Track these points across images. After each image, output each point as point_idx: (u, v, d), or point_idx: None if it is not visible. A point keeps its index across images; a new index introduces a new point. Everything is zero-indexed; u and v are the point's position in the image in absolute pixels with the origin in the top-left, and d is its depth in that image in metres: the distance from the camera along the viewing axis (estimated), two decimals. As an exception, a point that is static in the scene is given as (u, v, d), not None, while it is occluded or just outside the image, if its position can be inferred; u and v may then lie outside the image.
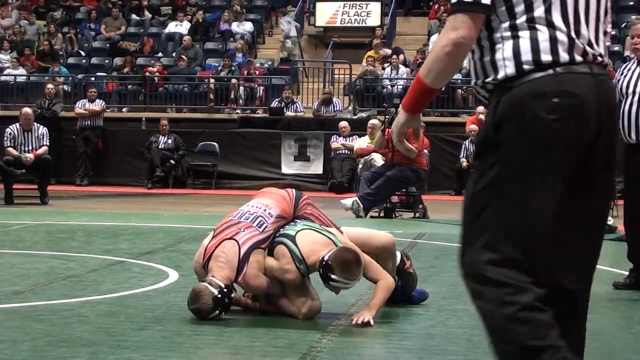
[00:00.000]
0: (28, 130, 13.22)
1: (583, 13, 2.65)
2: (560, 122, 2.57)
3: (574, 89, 2.59)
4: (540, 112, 2.57)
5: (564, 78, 2.60)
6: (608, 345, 4.50)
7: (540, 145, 2.58)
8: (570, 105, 2.58)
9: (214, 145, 17.10)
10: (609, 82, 2.72)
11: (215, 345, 4.30)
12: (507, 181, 2.61)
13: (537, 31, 2.61)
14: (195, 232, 9.37)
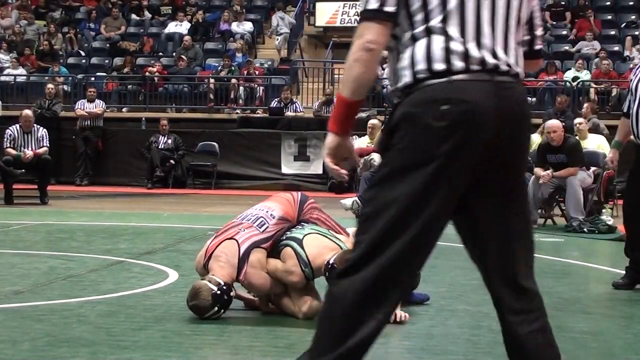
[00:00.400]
0: (28, 132, 13.23)
1: (487, 24, 2.65)
2: (448, 129, 2.57)
3: (465, 96, 2.58)
4: (429, 119, 2.58)
5: (457, 85, 2.59)
6: (608, 345, 4.50)
7: (425, 152, 2.59)
8: (460, 112, 2.57)
9: (214, 145, 17.10)
10: (515, 90, 2.68)
11: (215, 345, 4.30)
12: (389, 181, 2.64)
13: (432, 41, 2.62)
14: (195, 232, 9.37)
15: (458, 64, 2.61)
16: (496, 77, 2.64)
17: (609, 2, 21.83)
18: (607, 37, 20.40)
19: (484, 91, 2.61)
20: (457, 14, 2.63)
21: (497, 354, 4.23)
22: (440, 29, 2.62)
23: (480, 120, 2.59)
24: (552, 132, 10.32)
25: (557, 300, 5.76)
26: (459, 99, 2.58)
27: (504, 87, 2.64)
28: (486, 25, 2.65)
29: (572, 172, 10.30)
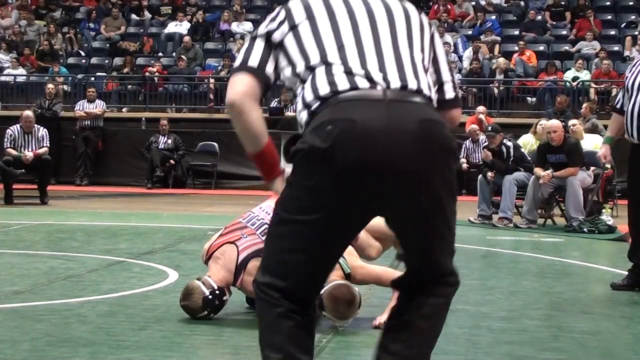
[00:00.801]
0: (29, 132, 13.22)
1: (371, 48, 2.66)
2: (331, 149, 2.54)
3: (349, 115, 2.54)
4: (316, 142, 2.56)
5: (342, 106, 2.57)
6: (608, 345, 4.50)
7: (314, 174, 2.59)
8: (343, 130, 2.53)
9: (214, 145, 17.10)
10: (412, 108, 2.59)
11: (215, 345, 4.30)
12: (280, 209, 2.70)
13: (316, 75, 2.63)
14: (195, 232, 9.37)
15: (343, 86, 2.60)
16: (389, 94, 2.58)
17: (609, 2, 21.82)
18: (607, 37, 20.40)
19: (371, 109, 2.55)
20: (335, 46, 2.64)
21: (497, 353, 4.24)
22: (322, 64, 2.63)
23: (367, 138, 2.52)
24: (552, 132, 10.32)
25: (557, 300, 5.76)
26: (343, 118, 2.54)
27: (396, 105, 2.58)
28: (371, 49, 2.66)
29: (573, 172, 10.30)
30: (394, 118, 2.55)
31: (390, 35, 2.72)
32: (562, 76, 18.39)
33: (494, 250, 8.47)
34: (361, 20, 2.72)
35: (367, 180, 2.56)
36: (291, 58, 2.70)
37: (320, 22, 2.70)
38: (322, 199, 2.60)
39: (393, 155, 2.54)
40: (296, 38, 2.70)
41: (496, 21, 21.28)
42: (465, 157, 15.45)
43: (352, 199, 2.59)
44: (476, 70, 18.68)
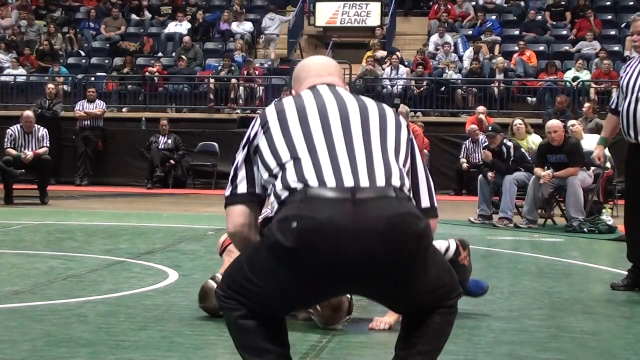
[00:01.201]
0: (29, 132, 13.22)
1: (342, 147, 2.71)
2: (295, 249, 2.59)
3: (315, 214, 2.58)
4: (280, 236, 2.61)
5: (309, 203, 2.61)
6: (608, 345, 4.50)
7: (278, 267, 2.65)
8: (307, 229, 2.58)
9: (214, 145, 17.10)
10: (380, 207, 2.62)
11: (215, 345, 4.30)
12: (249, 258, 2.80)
13: (287, 171, 2.70)
14: (195, 232, 9.37)
15: (312, 182, 2.64)
16: (355, 194, 2.62)
17: (609, 2, 21.83)
18: (607, 37, 20.40)
19: (337, 208, 2.59)
20: (305, 144, 2.72)
21: (497, 353, 4.24)
22: (292, 160, 2.71)
23: (332, 239, 2.57)
24: (552, 132, 10.31)
25: (557, 300, 5.76)
26: (308, 216, 2.59)
27: (363, 204, 2.61)
28: (341, 145, 2.72)
29: (573, 172, 10.29)
30: (361, 217, 2.58)
31: (362, 132, 2.77)
32: (562, 76, 18.39)
33: (494, 250, 8.46)
34: (333, 117, 2.78)
35: (332, 278, 2.64)
36: (265, 160, 2.77)
37: (291, 121, 2.76)
38: (284, 285, 2.68)
39: (359, 254, 2.58)
40: (268, 139, 2.77)
41: (496, 21, 21.29)
42: (465, 157, 15.47)
43: (315, 290, 2.72)
44: (476, 70, 18.68)
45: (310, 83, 2.98)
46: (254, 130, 2.82)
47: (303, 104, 2.82)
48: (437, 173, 15.67)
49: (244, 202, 2.83)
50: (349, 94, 2.92)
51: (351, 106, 2.83)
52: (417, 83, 18.64)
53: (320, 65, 3.06)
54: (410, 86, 18.68)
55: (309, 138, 2.73)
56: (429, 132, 15.21)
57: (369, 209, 2.60)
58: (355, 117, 2.80)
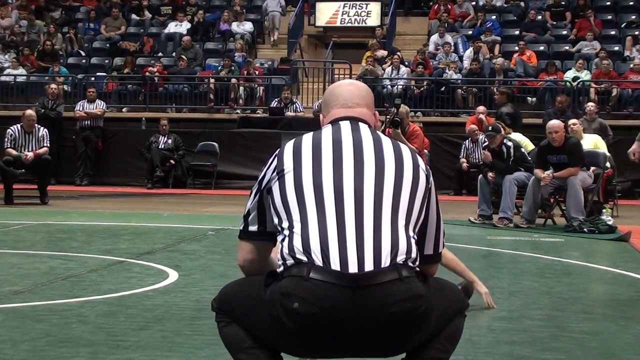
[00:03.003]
0: (29, 132, 13.22)
1: (351, 222, 2.66)
2: (296, 329, 2.62)
3: (317, 299, 2.59)
4: (282, 314, 2.63)
5: (311, 284, 2.60)
6: (608, 345, 4.50)
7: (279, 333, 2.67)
8: (308, 316, 2.60)
9: (214, 145, 17.11)
10: (384, 293, 2.60)
11: (215, 345, 4.29)
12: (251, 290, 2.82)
13: (292, 233, 2.68)
14: (195, 232, 9.37)
15: (317, 261, 2.62)
16: (357, 281, 2.60)
17: (609, 2, 21.83)
18: (607, 37, 20.40)
19: (338, 297, 2.59)
20: (315, 209, 2.67)
21: (497, 353, 4.23)
22: (299, 223, 2.67)
23: (331, 328, 2.60)
24: (553, 133, 10.30)
25: (557, 300, 5.76)
26: (310, 302, 2.59)
27: (364, 292, 2.60)
28: (349, 215, 2.66)
29: (573, 172, 10.29)
30: (361, 306, 2.60)
31: (374, 192, 2.70)
32: (562, 76, 18.39)
33: (494, 250, 8.46)
34: (347, 169, 2.72)
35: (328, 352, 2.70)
36: (276, 208, 2.76)
37: (305, 173, 2.72)
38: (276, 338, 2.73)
39: (357, 341, 2.64)
40: (280, 187, 2.75)
41: (496, 21, 21.29)
42: (465, 157, 15.47)
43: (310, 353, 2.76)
44: (476, 71, 18.68)
45: (336, 114, 2.94)
46: (270, 174, 2.81)
47: (320, 152, 2.76)
48: (437, 173, 15.65)
49: (255, 240, 2.90)
50: (369, 136, 2.83)
51: (367, 156, 2.76)
52: (417, 83, 18.64)
53: (349, 93, 2.98)
54: (410, 86, 18.69)
55: (319, 197, 2.69)
56: (429, 132, 15.21)
57: (370, 298, 2.60)
58: (370, 169, 2.73)
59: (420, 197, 2.78)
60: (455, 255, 5.35)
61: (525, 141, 12.36)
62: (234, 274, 6.26)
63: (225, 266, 6.91)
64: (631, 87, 17.90)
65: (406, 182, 2.75)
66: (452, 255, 5.20)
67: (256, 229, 2.87)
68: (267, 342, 2.78)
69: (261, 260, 2.90)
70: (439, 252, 2.96)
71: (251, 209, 2.87)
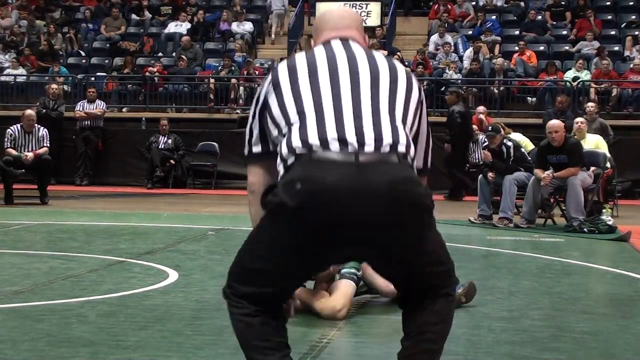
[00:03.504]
0: (29, 132, 13.22)
1: (348, 107, 2.74)
2: (300, 209, 2.64)
3: (319, 175, 2.64)
4: (285, 198, 2.66)
5: (313, 165, 2.67)
6: (608, 345, 4.50)
7: (281, 230, 2.71)
8: (312, 190, 2.63)
9: (214, 145, 17.11)
10: (384, 169, 2.67)
11: (215, 345, 4.30)
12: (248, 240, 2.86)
13: (292, 133, 2.74)
14: (195, 232, 9.37)
15: (316, 144, 2.69)
16: (359, 157, 2.66)
17: (609, 2, 21.82)
18: (607, 37, 20.40)
19: (341, 171, 2.64)
20: (312, 104, 2.75)
21: (497, 354, 4.23)
22: (299, 122, 2.75)
23: (335, 200, 2.62)
24: (553, 132, 10.30)
25: (557, 300, 5.76)
26: (312, 178, 2.64)
27: (366, 167, 2.65)
28: (348, 108, 2.74)
29: (573, 172, 10.28)
30: (364, 180, 2.63)
31: (371, 94, 2.78)
32: (562, 76, 18.39)
33: (494, 250, 8.46)
34: (343, 78, 2.80)
35: (334, 239, 2.68)
36: (274, 118, 2.82)
37: (301, 80, 2.80)
38: (286, 251, 2.72)
39: (361, 217, 2.63)
40: (277, 97, 2.81)
41: (496, 21, 21.29)
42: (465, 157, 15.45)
43: (319, 253, 2.74)
44: (476, 71, 18.68)
45: (326, 36, 2.99)
46: (265, 89, 2.87)
47: (315, 62, 2.84)
48: (437, 173, 15.64)
49: (261, 161, 2.93)
50: (362, 50, 2.92)
51: (362, 66, 2.84)
52: (417, 83, 18.62)
53: (339, 18, 3.06)
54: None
55: (317, 99, 2.76)
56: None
57: (371, 172, 2.64)
58: (366, 77, 2.81)
59: (414, 105, 2.86)
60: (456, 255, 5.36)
61: (525, 141, 12.37)
62: (234, 274, 6.26)
63: (225, 266, 6.87)
64: (631, 87, 17.90)
65: (400, 89, 2.83)
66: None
67: (260, 150, 2.93)
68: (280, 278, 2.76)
69: (269, 182, 2.90)
70: (428, 166, 3.05)
71: (253, 130, 2.92)
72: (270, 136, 2.86)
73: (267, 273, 2.77)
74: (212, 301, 5.36)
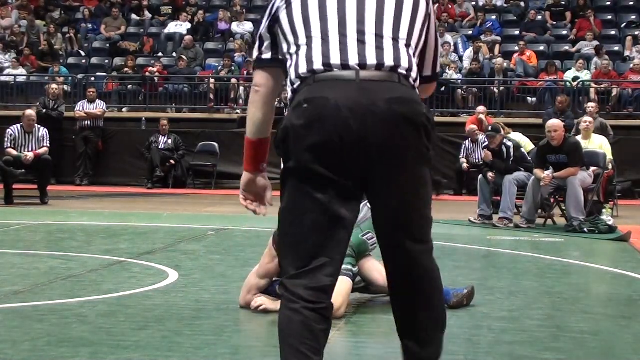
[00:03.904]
0: (29, 132, 13.22)
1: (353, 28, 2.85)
2: (306, 126, 2.78)
3: (323, 94, 2.79)
4: (294, 120, 2.81)
5: (317, 86, 2.82)
6: (608, 345, 4.50)
7: (292, 150, 2.81)
8: (316, 108, 2.77)
9: (214, 145, 17.10)
10: (384, 88, 2.80)
11: (215, 345, 4.30)
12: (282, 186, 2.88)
13: (299, 55, 2.89)
14: (195, 232, 9.37)
15: (319, 67, 2.83)
16: (360, 76, 2.79)
17: (609, 2, 21.83)
18: (607, 37, 20.40)
19: (343, 89, 2.78)
20: (319, 27, 2.88)
21: (497, 353, 4.24)
22: (305, 44, 2.88)
23: (338, 116, 2.75)
24: (552, 132, 10.30)
25: (557, 300, 5.76)
26: (317, 97, 2.79)
27: (367, 85, 2.79)
28: (352, 27, 2.86)
29: (573, 172, 10.28)
30: (364, 97, 2.77)
31: (375, 15, 2.88)
32: (562, 76, 18.39)
33: (494, 250, 8.47)
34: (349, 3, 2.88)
35: (339, 153, 2.77)
36: (285, 34, 2.95)
37: (310, 2, 2.91)
38: (306, 174, 2.80)
39: (362, 131, 2.75)
40: (288, 15, 2.93)
41: (496, 21, 21.29)
42: (465, 157, 15.47)
43: (331, 169, 2.79)
44: (476, 71, 18.68)
45: None
46: (277, 3, 2.99)
47: None
48: (437, 173, 15.67)
49: (269, 67, 3.03)
50: None
51: None
52: (417, 83, 18.62)
53: None
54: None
55: (324, 24, 2.88)
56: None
57: (371, 91, 2.78)
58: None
59: (420, 22, 2.95)
60: (456, 255, 5.35)
61: (525, 141, 12.36)
62: (234, 274, 6.29)
63: (225, 266, 6.92)
64: (631, 87, 17.90)
65: (407, 6, 2.93)
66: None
67: (270, 57, 3.03)
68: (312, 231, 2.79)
69: (275, 87, 3.03)
70: (437, 72, 3.17)
71: (264, 37, 3.04)
72: (280, 48, 2.99)
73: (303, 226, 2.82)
74: (212, 301, 5.37)
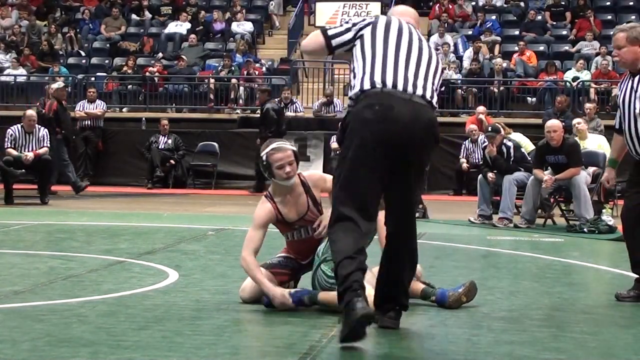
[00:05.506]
0: (30, 132, 13.22)
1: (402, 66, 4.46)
2: (377, 121, 4.32)
3: (389, 102, 4.34)
4: (367, 115, 4.34)
5: (384, 95, 4.37)
6: (608, 345, 4.50)
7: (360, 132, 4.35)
8: (385, 110, 4.32)
9: (214, 145, 17.11)
10: (421, 107, 4.42)
11: (215, 345, 4.30)
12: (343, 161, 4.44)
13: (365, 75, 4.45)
14: (195, 232, 9.37)
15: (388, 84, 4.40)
16: (414, 98, 4.40)
17: (609, 2, 21.83)
18: (607, 37, 20.39)
19: (402, 102, 4.36)
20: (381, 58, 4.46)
21: (497, 353, 4.23)
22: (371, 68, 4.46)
23: (396, 118, 4.32)
24: (552, 132, 10.30)
25: (557, 300, 5.76)
26: (386, 103, 4.34)
27: (414, 102, 4.39)
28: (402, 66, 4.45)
29: (575, 172, 10.28)
30: (413, 112, 4.37)
31: (416, 62, 4.51)
32: (562, 76, 18.39)
33: (494, 250, 8.47)
34: (403, 47, 4.50)
35: (390, 144, 4.33)
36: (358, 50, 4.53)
37: (377, 37, 4.52)
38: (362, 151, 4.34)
39: (409, 134, 4.35)
40: (366, 38, 4.53)
41: (496, 21, 21.29)
42: (465, 157, 15.46)
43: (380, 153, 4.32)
44: (476, 71, 18.68)
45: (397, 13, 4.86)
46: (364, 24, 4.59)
47: (389, 30, 4.54)
48: (437, 173, 15.68)
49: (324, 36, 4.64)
50: (416, 32, 4.62)
51: (414, 43, 4.55)
52: (417, 83, 18.60)
53: (404, 10, 5.01)
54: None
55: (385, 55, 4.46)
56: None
57: (417, 109, 4.39)
58: (416, 47, 4.54)
59: (439, 72, 4.62)
60: (456, 255, 5.35)
61: (526, 141, 12.36)
62: (234, 274, 6.29)
63: (225, 266, 6.92)
64: (631, 87, 17.87)
65: (433, 61, 4.59)
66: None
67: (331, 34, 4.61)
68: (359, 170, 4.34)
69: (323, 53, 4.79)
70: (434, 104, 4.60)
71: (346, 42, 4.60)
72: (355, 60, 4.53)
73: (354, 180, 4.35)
74: (212, 301, 5.37)
